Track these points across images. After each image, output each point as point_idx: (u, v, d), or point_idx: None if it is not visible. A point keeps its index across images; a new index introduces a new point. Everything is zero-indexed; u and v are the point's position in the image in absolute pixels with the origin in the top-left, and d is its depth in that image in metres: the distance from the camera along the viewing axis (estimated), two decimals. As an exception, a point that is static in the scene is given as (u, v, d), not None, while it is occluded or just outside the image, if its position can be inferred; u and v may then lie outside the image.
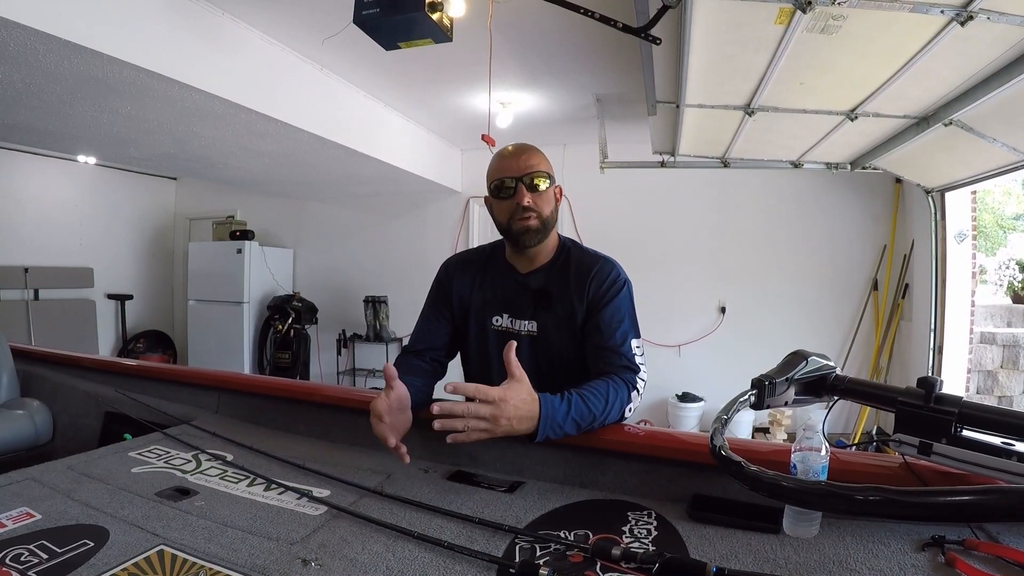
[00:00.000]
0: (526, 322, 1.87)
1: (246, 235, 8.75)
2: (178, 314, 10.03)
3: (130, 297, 9.22)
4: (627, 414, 1.63)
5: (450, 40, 3.12)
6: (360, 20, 2.97)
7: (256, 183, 8.16)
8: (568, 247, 1.95)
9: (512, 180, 1.81)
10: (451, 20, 3.10)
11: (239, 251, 8.57)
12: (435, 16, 2.93)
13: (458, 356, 2.10)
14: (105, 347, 8.86)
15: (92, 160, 7.93)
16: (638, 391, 1.67)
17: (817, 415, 1.20)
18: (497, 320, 1.92)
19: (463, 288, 1.98)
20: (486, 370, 1.95)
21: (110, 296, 9.00)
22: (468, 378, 2.02)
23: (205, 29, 3.98)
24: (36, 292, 7.91)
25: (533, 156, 1.83)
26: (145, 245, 9.76)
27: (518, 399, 1.42)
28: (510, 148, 1.88)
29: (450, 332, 2.01)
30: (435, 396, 1.78)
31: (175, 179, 10.00)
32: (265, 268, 8.77)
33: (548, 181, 1.83)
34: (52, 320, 7.93)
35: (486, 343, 1.94)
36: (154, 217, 9.88)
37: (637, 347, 1.76)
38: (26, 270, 7.79)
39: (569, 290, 1.84)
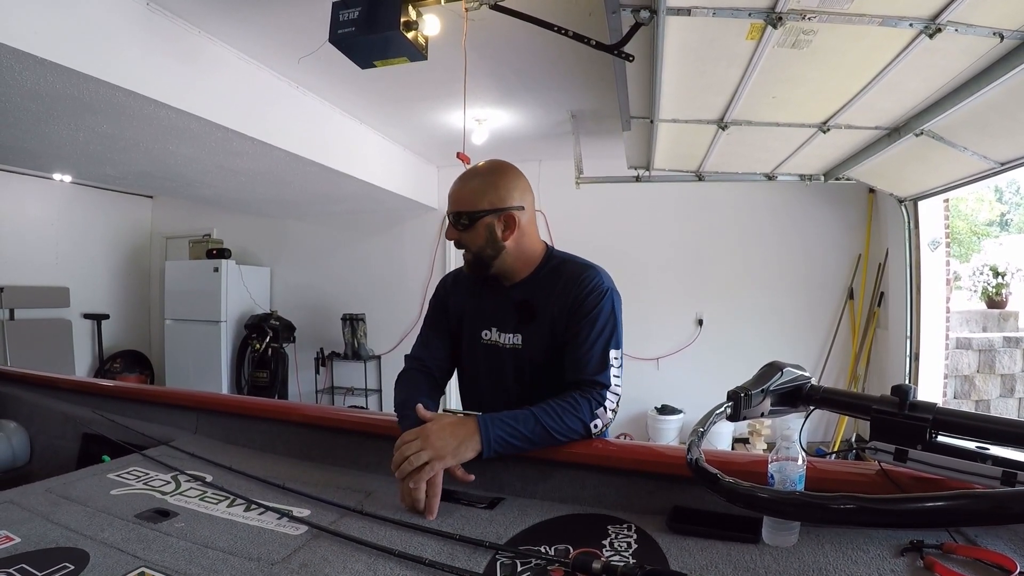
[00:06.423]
0: (510, 335, 1.84)
1: (223, 253, 8.65)
2: (155, 334, 9.88)
3: (106, 316, 9.08)
4: (594, 430, 1.59)
5: (425, 58, 3.14)
6: (336, 39, 2.99)
7: (233, 201, 8.12)
8: (554, 257, 1.94)
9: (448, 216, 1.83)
10: (426, 39, 3.12)
11: (216, 270, 8.48)
12: (410, 35, 2.95)
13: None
14: (81, 367, 8.71)
15: (68, 178, 7.83)
16: (605, 408, 1.63)
17: (796, 425, 1.21)
18: (486, 334, 1.89)
19: (459, 300, 1.97)
20: (475, 383, 1.97)
21: (86, 315, 8.86)
22: (462, 390, 2.04)
23: (182, 48, 3.96)
24: (11, 312, 7.78)
25: (465, 192, 1.78)
26: (121, 264, 9.63)
27: (438, 424, 1.50)
28: (459, 177, 1.85)
29: (450, 347, 1.99)
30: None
31: (151, 197, 9.89)
32: (242, 287, 8.68)
33: (472, 218, 1.75)
34: (28, 340, 7.78)
35: (476, 357, 1.92)
36: (130, 236, 9.76)
37: (615, 359, 1.70)
38: (1, 289, 7.66)
39: (551, 301, 1.79)
